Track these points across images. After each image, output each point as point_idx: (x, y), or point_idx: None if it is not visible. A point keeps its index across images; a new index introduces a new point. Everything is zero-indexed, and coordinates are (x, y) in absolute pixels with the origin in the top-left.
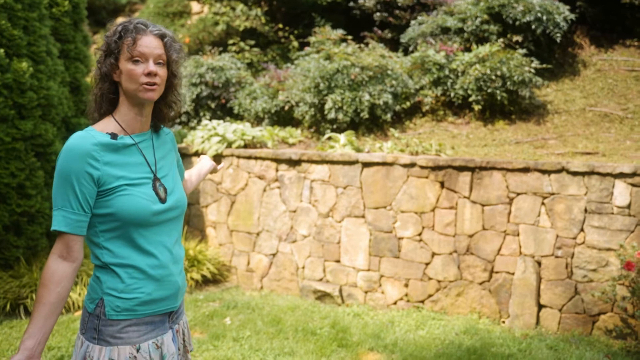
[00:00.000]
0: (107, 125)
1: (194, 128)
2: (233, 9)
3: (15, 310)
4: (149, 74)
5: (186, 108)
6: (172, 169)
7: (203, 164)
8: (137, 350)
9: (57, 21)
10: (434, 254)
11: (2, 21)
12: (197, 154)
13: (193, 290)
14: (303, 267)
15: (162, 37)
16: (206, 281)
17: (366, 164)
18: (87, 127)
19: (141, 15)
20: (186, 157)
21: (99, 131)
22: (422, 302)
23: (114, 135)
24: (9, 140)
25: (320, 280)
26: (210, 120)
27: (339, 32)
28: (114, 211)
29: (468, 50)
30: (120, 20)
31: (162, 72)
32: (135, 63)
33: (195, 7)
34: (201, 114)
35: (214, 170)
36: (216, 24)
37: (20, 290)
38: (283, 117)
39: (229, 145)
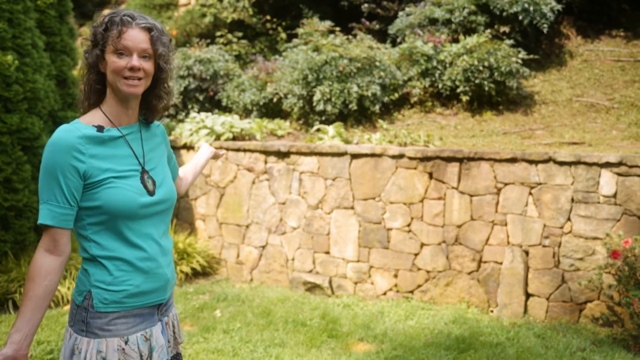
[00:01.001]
0: (94, 117)
1: (182, 121)
2: (220, 0)
3: (4, 304)
4: (131, 69)
5: (174, 101)
6: (162, 162)
7: (199, 156)
8: (126, 343)
9: (42, 14)
10: (423, 245)
11: None
12: (185, 146)
13: (183, 283)
14: (293, 259)
15: (149, 29)
16: (196, 274)
17: (355, 156)
18: (74, 120)
19: (128, 7)
20: (175, 149)
21: (85, 124)
22: (412, 292)
23: (100, 128)
24: None
25: (310, 271)
26: (198, 112)
27: (327, 24)
28: (100, 204)
29: (456, 41)
30: (107, 11)
31: (148, 65)
32: (120, 56)
33: None
34: (189, 106)
35: (215, 156)
36: (203, 15)
37: (9, 284)
38: (272, 109)
39: (218, 137)
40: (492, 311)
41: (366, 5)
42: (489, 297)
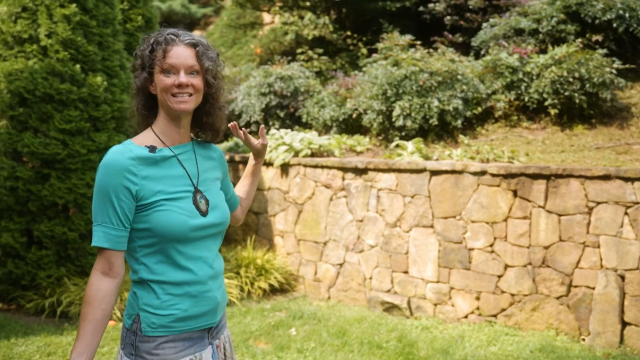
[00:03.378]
0: (146, 138)
1: None
2: (301, 17)
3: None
4: (179, 86)
5: (256, 117)
6: (216, 185)
7: (247, 166)
8: None
9: (130, 36)
10: (507, 266)
11: (78, 38)
12: (264, 163)
13: (260, 300)
14: (370, 278)
15: (194, 45)
16: (274, 290)
17: (434, 172)
18: (126, 141)
19: (215, 27)
20: None
21: (138, 144)
22: (495, 316)
23: (152, 148)
24: (85, 152)
25: (388, 291)
26: (279, 129)
27: (408, 38)
28: (150, 227)
29: (543, 52)
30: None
31: (196, 81)
32: (167, 75)
33: (266, 17)
34: (270, 123)
35: (260, 152)
36: (286, 33)
37: None
38: (351, 125)
39: (296, 154)
40: (583, 340)
41: (449, 17)
42: (580, 325)
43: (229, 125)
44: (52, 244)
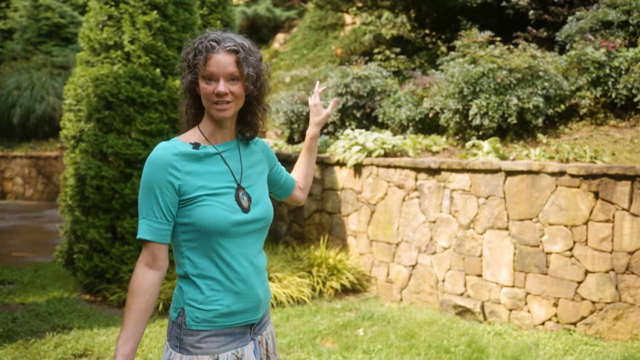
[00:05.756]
0: (192, 135)
1: (337, 138)
2: (379, 17)
3: (168, 309)
4: (218, 94)
5: (332, 118)
6: (260, 180)
7: (305, 142)
8: None
9: None
10: (587, 272)
11: (158, 43)
12: (338, 163)
13: (332, 299)
14: (443, 281)
15: (235, 52)
16: (345, 290)
17: (509, 173)
18: (173, 138)
19: (298, 30)
20: (328, 166)
21: (183, 141)
22: (574, 324)
23: (196, 145)
24: None
25: (461, 295)
26: (354, 129)
27: (487, 34)
28: (193, 221)
29: (633, 45)
30: (208, 35)
31: (236, 88)
32: (208, 82)
33: (348, 19)
34: (347, 123)
35: (321, 122)
36: (365, 34)
37: (172, 291)
38: (428, 125)
39: (369, 154)
40: None
41: (532, 12)
42: None
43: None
44: (133, 240)
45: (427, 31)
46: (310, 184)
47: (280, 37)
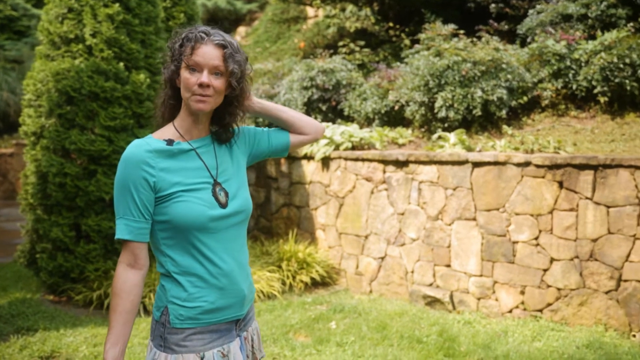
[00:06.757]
0: (165, 132)
1: None
2: (343, 10)
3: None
4: (200, 85)
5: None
6: (238, 174)
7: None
8: (202, 359)
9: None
10: (552, 260)
11: (121, 36)
12: (305, 157)
13: (302, 293)
14: (412, 272)
15: (223, 47)
16: (315, 284)
17: (476, 164)
18: (146, 135)
19: (260, 23)
20: (296, 160)
21: (157, 138)
22: (540, 311)
23: (169, 142)
24: None
25: (430, 285)
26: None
27: (450, 27)
28: (170, 218)
29: (592, 38)
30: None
31: (218, 83)
32: (191, 72)
33: (310, 11)
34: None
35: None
36: (328, 27)
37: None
38: (393, 117)
39: (337, 147)
40: (634, 336)
41: (494, 5)
42: (631, 320)
43: None
44: (99, 238)
45: (390, 24)
46: (304, 120)
47: (241, 30)
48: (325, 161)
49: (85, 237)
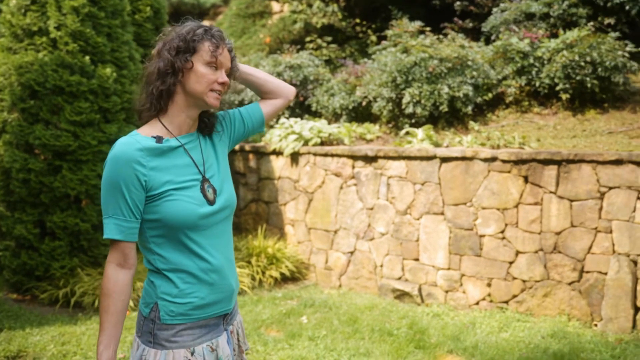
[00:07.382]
0: (153, 128)
1: (272, 127)
2: (310, 5)
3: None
4: (222, 84)
5: None
6: (222, 168)
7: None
8: (192, 354)
9: (139, 27)
10: (518, 253)
11: (87, 29)
12: (274, 152)
13: (272, 288)
14: (381, 266)
15: (230, 50)
16: (285, 279)
17: (444, 159)
18: (132, 132)
19: (224, 17)
20: (264, 155)
21: (144, 135)
22: (506, 302)
23: (159, 139)
24: (95, 143)
25: (399, 279)
26: (288, 118)
27: (417, 24)
28: (160, 217)
29: (554, 36)
30: (191, 22)
31: (228, 83)
32: (211, 69)
33: (275, 6)
34: (280, 112)
35: None
36: (295, 22)
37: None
38: (361, 113)
39: (306, 142)
40: (595, 325)
41: (459, 3)
42: (592, 310)
43: None
44: (64, 235)
45: (357, 20)
46: (275, 83)
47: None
48: (294, 156)
49: (50, 234)
